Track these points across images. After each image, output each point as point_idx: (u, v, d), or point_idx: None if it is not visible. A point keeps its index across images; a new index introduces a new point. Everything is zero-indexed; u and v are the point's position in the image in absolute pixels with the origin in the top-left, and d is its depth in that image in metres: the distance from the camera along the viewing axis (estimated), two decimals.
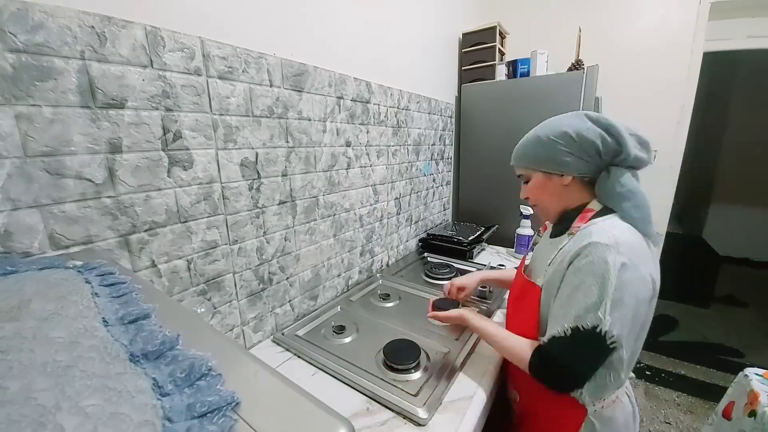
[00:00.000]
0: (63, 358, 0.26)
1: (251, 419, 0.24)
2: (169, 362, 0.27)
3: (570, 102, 1.50)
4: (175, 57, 0.63)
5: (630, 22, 1.86)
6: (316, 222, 1.01)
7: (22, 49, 0.47)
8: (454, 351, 0.83)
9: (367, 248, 1.27)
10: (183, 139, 0.66)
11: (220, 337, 0.35)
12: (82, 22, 0.52)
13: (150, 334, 0.30)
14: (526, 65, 1.66)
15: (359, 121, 1.13)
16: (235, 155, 0.76)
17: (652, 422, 1.69)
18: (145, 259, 0.63)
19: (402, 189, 1.44)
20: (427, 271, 1.32)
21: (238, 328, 0.83)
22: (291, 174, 0.91)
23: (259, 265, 0.86)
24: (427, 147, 1.61)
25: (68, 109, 0.52)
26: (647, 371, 2.08)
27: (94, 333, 0.29)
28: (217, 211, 0.74)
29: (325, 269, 1.08)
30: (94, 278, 0.40)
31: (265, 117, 0.82)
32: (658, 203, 1.94)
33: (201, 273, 0.73)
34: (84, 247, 0.55)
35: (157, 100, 0.62)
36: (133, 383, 0.24)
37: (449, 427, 0.63)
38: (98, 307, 0.34)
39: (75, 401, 0.22)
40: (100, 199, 0.57)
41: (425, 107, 1.55)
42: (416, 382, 0.73)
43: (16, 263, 0.41)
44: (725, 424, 1.10)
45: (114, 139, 0.57)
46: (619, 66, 1.89)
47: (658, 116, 1.87)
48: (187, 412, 0.23)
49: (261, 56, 0.79)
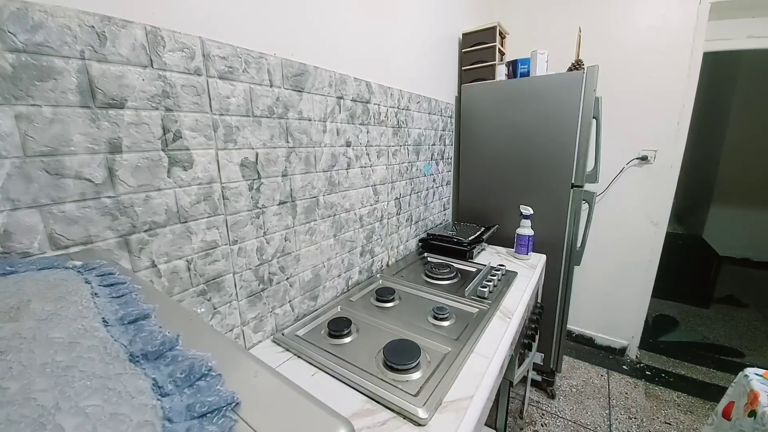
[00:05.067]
0: (62, 359, 0.25)
1: (251, 419, 0.24)
2: (168, 362, 0.27)
3: (570, 102, 1.50)
4: (175, 57, 0.63)
5: (630, 22, 1.86)
6: (316, 222, 1.01)
7: (21, 48, 0.47)
8: (454, 351, 0.83)
9: (367, 248, 1.27)
10: (183, 139, 0.66)
11: (220, 338, 0.35)
12: (82, 22, 0.52)
13: (150, 335, 0.30)
14: (526, 65, 1.66)
15: (359, 121, 1.13)
16: (235, 155, 0.76)
17: (652, 422, 1.69)
18: (144, 259, 0.63)
19: (402, 189, 1.44)
20: (427, 271, 1.32)
21: (238, 328, 0.83)
22: (291, 174, 0.91)
23: (259, 265, 0.86)
24: (427, 147, 1.61)
25: (68, 109, 0.52)
26: (647, 371, 2.08)
27: (94, 333, 0.29)
28: (217, 212, 0.74)
29: (325, 269, 1.08)
30: (93, 278, 0.40)
31: (266, 117, 0.82)
32: (658, 203, 1.96)
33: (201, 273, 0.73)
34: (84, 248, 0.55)
35: (157, 100, 0.62)
36: (132, 384, 0.24)
37: (449, 427, 0.63)
38: (98, 307, 0.34)
39: (74, 402, 0.22)
40: (100, 199, 0.57)
41: (425, 107, 1.55)
42: (416, 382, 0.73)
43: (15, 263, 0.41)
44: (725, 424, 1.10)
45: (114, 139, 0.57)
46: (619, 66, 1.90)
47: (658, 116, 1.88)
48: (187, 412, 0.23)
49: (261, 56, 0.79)
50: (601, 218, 2.08)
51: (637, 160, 1.96)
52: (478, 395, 0.70)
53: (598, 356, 2.22)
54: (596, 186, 1.97)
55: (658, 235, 1.99)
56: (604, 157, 1.76)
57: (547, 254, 1.64)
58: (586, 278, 2.19)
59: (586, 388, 1.93)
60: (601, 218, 2.08)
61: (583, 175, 1.57)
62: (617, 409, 1.77)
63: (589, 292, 2.23)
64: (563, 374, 2.05)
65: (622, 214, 2.05)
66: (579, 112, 1.49)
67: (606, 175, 2.01)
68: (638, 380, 2.00)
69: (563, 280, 1.69)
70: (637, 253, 2.06)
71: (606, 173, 2.00)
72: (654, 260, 2.03)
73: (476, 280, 1.21)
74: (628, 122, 1.94)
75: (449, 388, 0.71)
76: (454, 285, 1.25)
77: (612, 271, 2.14)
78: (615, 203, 2.06)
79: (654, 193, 1.96)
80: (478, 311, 1.03)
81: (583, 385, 1.96)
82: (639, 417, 1.72)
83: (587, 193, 1.62)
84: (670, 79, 1.81)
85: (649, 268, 2.04)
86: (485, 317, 0.98)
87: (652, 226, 1.99)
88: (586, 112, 1.49)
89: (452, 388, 0.71)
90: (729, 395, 1.13)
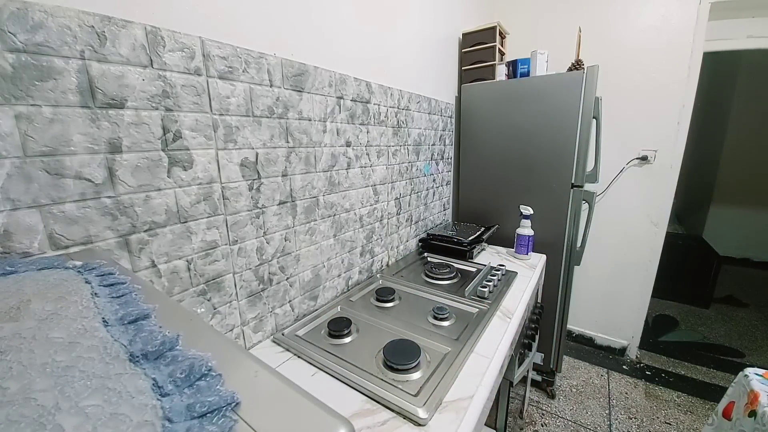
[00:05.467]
0: (62, 359, 0.25)
1: (251, 419, 0.24)
2: (168, 362, 0.27)
3: (570, 102, 1.50)
4: (175, 57, 0.63)
5: (630, 22, 1.86)
6: (316, 222, 1.01)
7: (21, 48, 0.47)
8: (454, 351, 0.83)
9: (367, 248, 1.27)
10: (183, 139, 0.66)
11: (220, 338, 0.35)
12: (82, 22, 0.52)
13: (150, 335, 0.30)
14: (526, 65, 1.66)
15: (359, 121, 1.13)
16: (235, 155, 0.76)
17: (652, 422, 1.69)
18: (144, 259, 0.63)
19: (402, 189, 1.44)
20: (427, 271, 1.32)
21: (238, 328, 0.83)
22: (291, 174, 0.91)
23: (259, 265, 0.86)
24: (427, 147, 1.61)
25: (68, 109, 0.52)
26: (647, 371, 2.08)
27: (94, 333, 0.29)
28: (217, 212, 0.74)
29: (325, 269, 1.08)
30: (93, 278, 0.40)
31: (266, 117, 0.82)
32: (658, 203, 1.96)
33: (201, 273, 0.73)
34: (84, 248, 0.55)
35: (157, 100, 0.62)
36: (132, 384, 0.24)
37: (449, 427, 0.63)
38: (98, 307, 0.34)
39: (74, 402, 0.22)
40: (100, 200, 0.57)
41: (425, 107, 1.55)
42: (416, 382, 0.73)
43: (15, 263, 0.41)
44: (725, 424, 1.10)
45: (114, 139, 0.57)
46: (619, 66, 1.90)
47: (658, 116, 1.88)
48: (187, 412, 0.23)
49: (261, 56, 0.79)
50: (601, 218, 2.08)
51: (637, 160, 1.96)
52: (478, 395, 0.70)
53: (598, 356, 2.22)
54: (596, 186, 1.97)
55: (658, 235, 1.99)
56: (604, 157, 1.77)
57: (547, 254, 1.64)
58: (586, 278, 2.20)
59: (586, 388, 1.93)
60: (601, 218, 2.08)
61: (583, 175, 1.57)
62: (617, 409, 1.77)
63: (589, 292, 2.23)
64: (563, 374, 2.05)
65: (622, 214, 2.05)
66: (579, 112, 1.49)
67: (606, 175, 2.01)
68: (638, 380, 2.00)
69: (563, 280, 1.69)
70: (637, 253, 2.06)
71: (606, 173, 2.00)
72: (654, 260, 2.03)
73: (476, 280, 1.21)
74: (628, 122, 1.94)
75: (449, 388, 0.71)
76: (454, 285, 1.25)
77: (612, 271, 2.15)
78: (615, 203, 2.06)
79: (654, 193, 1.96)
80: (478, 311, 1.03)
81: (583, 385, 1.96)
82: (639, 417, 1.72)
83: (587, 193, 1.62)
84: (670, 79, 1.81)
85: (649, 268, 2.04)
86: (485, 317, 0.98)
87: (652, 226, 1.99)
88: (586, 112, 1.49)
89: (452, 388, 0.71)
90: (729, 395, 1.13)
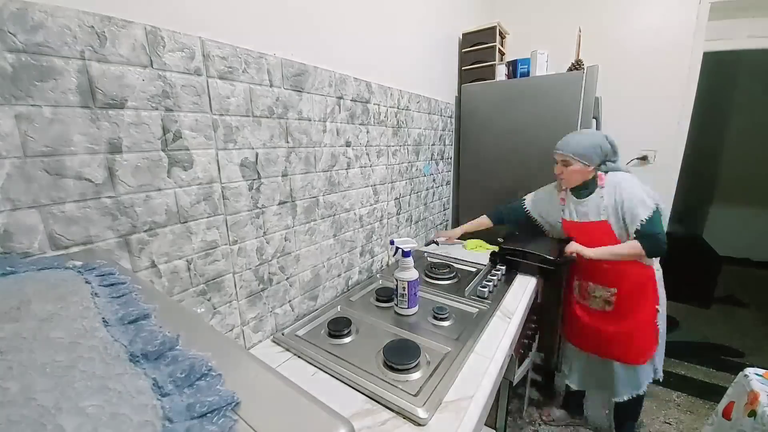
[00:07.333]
0: (63, 359, 0.26)
1: (251, 419, 0.24)
2: (169, 362, 0.27)
3: (570, 102, 1.50)
4: (175, 57, 0.63)
5: (630, 22, 1.86)
6: (316, 222, 1.01)
7: (21, 48, 0.47)
8: (454, 351, 0.83)
9: (367, 248, 1.27)
10: (183, 140, 0.66)
11: (220, 338, 0.35)
12: (82, 22, 0.52)
13: (150, 335, 0.30)
14: (526, 65, 1.66)
15: (359, 121, 1.13)
16: (235, 155, 0.76)
17: (652, 422, 1.69)
18: (145, 259, 0.63)
19: (402, 189, 1.44)
20: (427, 271, 1.32)
21: (238, 328, 0.83)
22: (291, 174, 0.91)
23: (259, 265, 0.86)
24: (427, 147, 1.61)
25: (68, 109, 0.52)
26: None
27: (94, 333, 0.29)
28: (217, 212, 0.74)
29: (325, 269, 1.08)
30: (93, 278, 0.40)
31: (265, 117, 0.82)
32: None
33: (201, 273, 0.73)
34: (84, 248, 0.55)
35: (157, 100, 0.62)
36: (133, 384, 0.24)
37: (449, 427, 0.63)
38: (98, 307, 0.34)
39: (75, 402, 0.22)
40: (100, 200, 0.57)
41: (425, 107, 1.55)
42: (416, 382, 0.73)
43: (15, 264, 0.41)
44: (725, 424, 1.09)
45: (114, 139, 0.57)
46: (619, 66, 1.90)
47: (658, 116, 1.87)
48: (187, 412, 0.23)
49: (261, 56, 0.79)
50: None
51: (637, 160, 1.96)
52: (478, 395, 0.70)
53: None
54: None
55: None
56: None
57: None
58: None
59: None
60: None
61: None
62: None
63: None
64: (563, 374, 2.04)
65: None
66: (579, 112, 1.49)
67: None
68: None
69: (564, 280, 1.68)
70: None
71: None
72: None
73: (476, 280, 1.21)
74: (628, 122, 1.94)
75: (449, 388, 0.71)
76: (454, 285, 1.25)
77: None
78: None
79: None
80: (478, 311, 1.03)
81: None
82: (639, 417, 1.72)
83: None
84: (670, 79, 1.81)
85: None
86: (485, 317, 0.98)
87: None
88: (586, 112, 1.49)
89: (452, 388, 0.71)
90: (729, 395, 1.13)
